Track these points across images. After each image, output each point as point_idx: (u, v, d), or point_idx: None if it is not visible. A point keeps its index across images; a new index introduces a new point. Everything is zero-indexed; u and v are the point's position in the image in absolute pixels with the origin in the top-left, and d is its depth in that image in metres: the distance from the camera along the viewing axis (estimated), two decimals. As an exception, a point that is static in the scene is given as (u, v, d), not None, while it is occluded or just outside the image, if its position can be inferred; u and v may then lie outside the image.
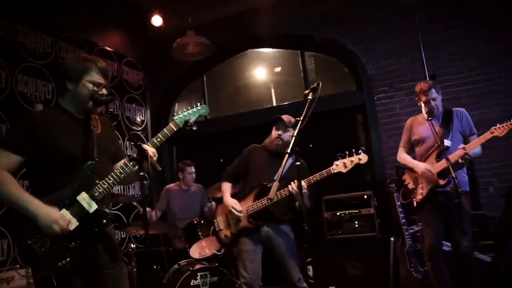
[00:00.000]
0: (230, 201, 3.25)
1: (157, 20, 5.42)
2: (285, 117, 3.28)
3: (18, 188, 1.93)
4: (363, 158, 3.04)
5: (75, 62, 2.10)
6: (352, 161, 3.03)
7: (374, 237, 4.21)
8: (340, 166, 3.04)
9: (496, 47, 4.45)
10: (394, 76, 4.85)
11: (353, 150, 3.05)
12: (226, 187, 3.38)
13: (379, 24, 4.96)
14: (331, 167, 3.05)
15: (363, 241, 4.24)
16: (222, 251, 3.89)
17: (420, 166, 3.29)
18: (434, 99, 3.29)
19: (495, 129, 3.05)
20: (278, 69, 5.88)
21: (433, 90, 3.29)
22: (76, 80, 2.05)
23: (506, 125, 3.01)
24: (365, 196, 4.37)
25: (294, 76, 5.67)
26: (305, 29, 5.31)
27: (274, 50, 5.82)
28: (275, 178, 3.13)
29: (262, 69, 5.98)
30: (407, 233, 3.90)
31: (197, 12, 5.38)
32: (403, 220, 3.92)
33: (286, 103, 5.60)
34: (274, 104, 5.74)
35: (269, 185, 3.11)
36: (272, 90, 5.86)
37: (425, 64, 4.59)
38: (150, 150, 2.05)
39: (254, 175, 3.30)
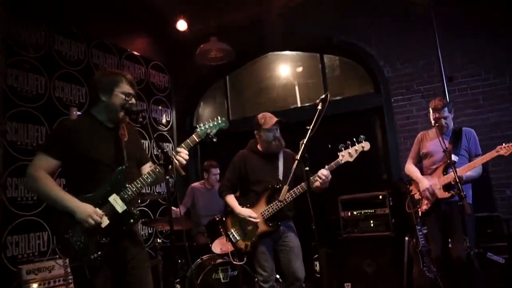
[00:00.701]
0: (245, 211, 3.32)
1: (182, 25, 5.66)
2: (263, 114, 3.43)
3: (57, 187, 2.21)
4: (365, 145, 3.12)
5: (107, 76, 2.37)
6: (356, 150, 3.11)
7: (388, 236, 4.34)
8: (346, 156, 3.11)
9: (513, 50, 4.48)
10: (411, 78, 4.94)
11: (354, 139, 3.12)
12: (232, 199, 3.44)
13: (396, 27, 5.04)
14: (338, 159, 3.13)
15: (378, 240, 4.37)
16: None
17: (424, 183, 3.50)
18: (445, 118, 3.45)
19: (500, 148, 3.20)
20: (299, 69, 6.02)
21: (446, 109, 3.44)
22: (109, 91, 2.30)
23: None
24: (380, 197, 4.49)
25: (315, 78, 5.80)
26: (323, 33, 5.44)
27: (295, 52, 5.97)
28: (280, 178, 3.33)
29: (284, 71, 6.13)
30: (420, 233, 4.00)
31: (219, 17, 5.61)
32: (417, 220, 4.04)
33: (307, 104, 5.73)
34: (299, 105, 5.87)
35: (277, 186, 3.29)
36: (297, 91, 5.98)
37: (442, 67, 4.64)
38: (184, 152, 2.31)
39: (257, 181, 3.38)
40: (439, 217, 3.48)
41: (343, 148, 3.13)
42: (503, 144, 3.20)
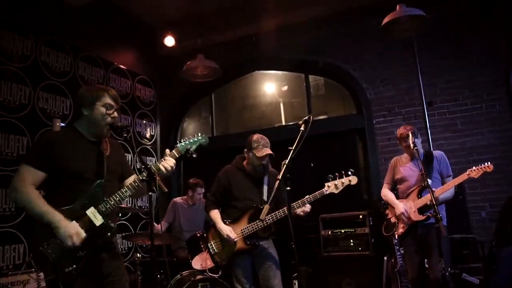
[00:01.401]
0: (225, 229, 3.34)
1: (169, 41, 5.74)
2: (260, 136, 3.41)
3: (44, 202, 2.18)
4: (353, 179, 3.20)
5: (89, 91, 2.39)
6: (343, 183, 3.18)
7: (368, 255, 4.38)
8: (332, 187, 3.18)
9: (490, 77, 4.66)
10: (393, 101, 5.08)
11: (343, 172, 3.20)
12: (216, 214, 3.46)
13: (379, 51, 5.20)
14: (323, 189, 3.19)
15: (357, 259, 4.40)
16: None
17: (399, 207, 3.60)
18: (414, 144, 3.54)
19: (471, 171, 3.35)
20: (285, 88, 6.12)
21: (412, 136, 3.54)
22: (91, 105, 2.32)
23: (481, 168, 3.31)
24: (361, 216, 4.54)
25: (299, 97, 5.90)
26: (309, 54, 5.57)
27: (280, 72, 6.07)
28: (265, 199, 3.37)
29: (269, 89, 6.22)
30: (398, 253, 4.05)
31: (206, 35, 5.70)
32: (395, 241, 4.10)
33: (292, 122, 5.81)
34: (283, 123, 5.94)
35: (261, 207, 3.28)
36: (282, 109, 6.05)
37: (422, 91, 4.77)
38: (170, 160, 2.32)
39: (240, 197, 3.43)
40: (416, 240, 3.57)
41: (330, 179, 3.19)
42: (473, 167, 3.32)
